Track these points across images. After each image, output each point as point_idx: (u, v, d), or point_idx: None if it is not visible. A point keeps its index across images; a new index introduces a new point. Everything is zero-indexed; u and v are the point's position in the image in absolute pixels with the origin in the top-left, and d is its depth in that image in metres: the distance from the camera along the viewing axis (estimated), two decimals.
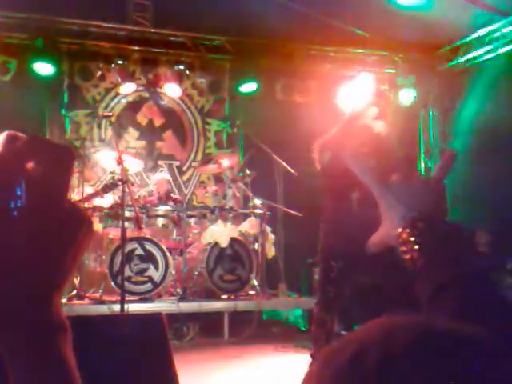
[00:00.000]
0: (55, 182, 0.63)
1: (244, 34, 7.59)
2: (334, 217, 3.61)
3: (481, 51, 7.59)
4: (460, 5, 6.94)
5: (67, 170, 0.63)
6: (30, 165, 0.63)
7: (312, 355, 3.61)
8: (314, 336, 3.60)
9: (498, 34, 7.31)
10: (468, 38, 7.66)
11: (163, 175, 7.07)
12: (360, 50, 8.01)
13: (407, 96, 8.40)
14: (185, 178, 8.19)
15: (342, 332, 6.18)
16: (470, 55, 7.77)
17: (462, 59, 7.90)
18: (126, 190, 4.84)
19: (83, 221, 0.67)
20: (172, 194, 6.96)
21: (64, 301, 5.78)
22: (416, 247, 0.92)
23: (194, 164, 8.14)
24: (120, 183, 4.95)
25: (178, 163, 8.19)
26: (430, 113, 8.69)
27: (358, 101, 3.68)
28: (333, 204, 3.63)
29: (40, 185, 0.62)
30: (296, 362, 4.72)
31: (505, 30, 7.21)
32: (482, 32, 7.46)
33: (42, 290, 0.65)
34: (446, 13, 7.08)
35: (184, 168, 8.21)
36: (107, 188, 5.49)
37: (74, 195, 5.88)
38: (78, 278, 5.96)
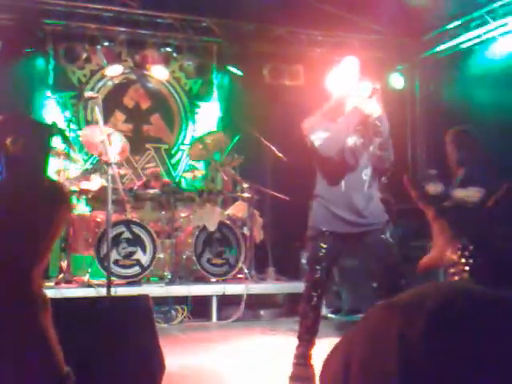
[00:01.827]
0: (33, 158, 0.61)
1: (232, 17, 7.52)
2: (323, 195, 3.62)
3: (465, 37, 7.59)
4: None
5: (45, 147, 0.62)
6: (9, 141, 0.61)
7: (299, 337, 3.62)
8: (301, 312, 3.62)
9: (482, 20, 7.30)
10: (453, 24, 7.65)
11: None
12: (348, 35, 7.96)
13: (397, 81, 8.40)
14: (173, 161, 8.15)
15: (330, 315, 6.23)
16: (455, 41, 7.76)
17: (447, 45, 7.89)
18: (112, 172, 4.79)
19: (62, 198, 0.66)
20: (161, 177, 6.92)
21: (51, 284, 5.76)
22: (465, 269, 0.97)
23: (182, 147, 8.10)
24: (105, 165, 4.90)
25: (166, 146, 8.15)
26: (417, 98, 8.68)
27: (344, 84, 3.67)
28: (321, 183, 3.64)
29: (18, 160, 0.60)
30: (283, 345, 4.74)
31: (489, 17, 7.20)
32: (467, 18, 7.44)
33: (20, 265, 0.63)
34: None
35: (172, 151, 8.16)
36: (91, 170, 5.44)
37: (60, 177, 5.83)
38: (66, 261, 5.93)
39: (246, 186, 6.66)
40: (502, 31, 7.12)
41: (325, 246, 3.54)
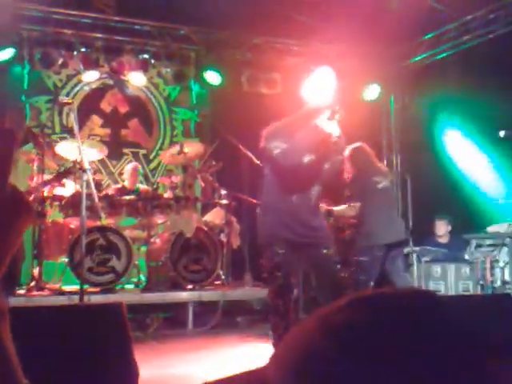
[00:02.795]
0: None
1: (210, 25, 7.53)
2: (274, 204, 3.68)
3: (441, 48, 7.69)
4: (422, 2, 7.03)
5: (7, 154, 0.61)
6: None
7: (273, 344, 3.61)
8: (272, 324, 3.61)
9: (458, 32, 7.41)
10: (429, 35, 7.75)
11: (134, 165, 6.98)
12: (324, 44, 8.02)
13: (372, 90, 8.47)
14: (151, 166, 8.12)
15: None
16: (432, 52, 7.86)
17: (424, 55, 7.99)
18: (87, 178, 4.74)
19: (23, 206, 0.65)
20: (139, 185, 6.88)
21: (23, 291, 5.66)
22: None
23: (160, 152, 8.07)
24: (77, 170, 4.85)
25: (144, 151, 8.11)
26: (392, 107, 8.76)
27: (318, 95, 3.70)
28: (273, 191, 3.71)
29: None
30: (260, 352, 4.73)
31: (464, 28, 7.31)
32: (442, 30, 7.55)
33: None
34: (409, 9, 7.15)
35: (151, 156, 8.13)
36: (62, 175, 5.38)
37: (33, 183, 5.76)
38: (38, 268, 5.84)
39: (223, 192, 6.64)
40: (477, 42, 7.24)
41: (280, 251, 3.58)
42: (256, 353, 4.79)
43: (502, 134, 5.17)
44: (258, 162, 6.61)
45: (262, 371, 0.58)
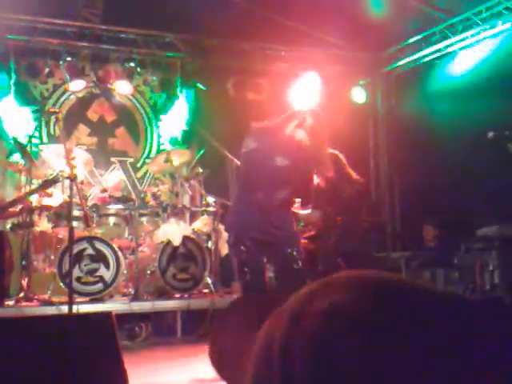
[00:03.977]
0: None
1: (195, 32, 7.55)
2: (241, 201, 3.82)
3: (427, 51, 7.75)
4: (407, 5, 7.09)
5: None
6: None
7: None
8: None
9: (442, 35, 7.47)
10: (414, 39, 7.81)
11: (119, 175, 6.96)
12: (311, 49, 8.06)
13: (359, 95, 8.53)
14: (139, 174, 8.10)
15: None
16: (416, 56, 7.92)
17: (409, 59, 8.05)
18: (75, 187, 4.73)
19: None
20: (126, 195, 6.86)
21: (11, 302, 5.62)
22: None
23: (147, 161, 8.06)
24: (62, 179, 4.84)
25: (131, 160, 8.09)
26: (379, 111, 8.81)
27: (305, 100, 3.77)
28: (240, 192, 3.84)
29: None
30: None
31: (450, 30, 7.38)
32: (427, 33, 7.61)
33: None
34: (394, 13, 7.22)
35: (138, 165, 8.12)
36: (47, 184, 5.35)
37: (21, 193, 5.73)
38: (26, 279, 5.80)
39: (211, 200, 6.64)
40: (462, 45, 7.31)
41: (245, 249, 3.69)
42: None
43: (490, 134, 5.19)
44: None
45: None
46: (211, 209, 6.59)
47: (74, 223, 4.84)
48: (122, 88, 7.67)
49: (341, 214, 5.31)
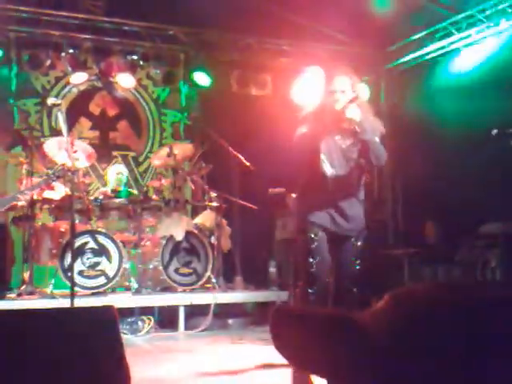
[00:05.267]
0: None
1: (199, 26, 7.50)
2: (308, 191, 3.49)
3: (431, 48, 7.71)
4: (411, 1, 7.05)
5: None
6: None
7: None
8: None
9: (446, 31, 7.43)
10: (418, 36, 7.76)
11: (120, 169, 6.91)
12: (315, 45, 8.01)
13: (363, 91, 8.48)
14: (141, 169, 8.07)
15: None
16: (420, 52, 7.88)
17: (413, 56, 8.01)
18: (77, 180, 4.70)
19: None
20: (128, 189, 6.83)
21: (13, 295, 5.61)
22: None
23: (150, 155, 8.03)
24: (66, 173, 4.81)
25: (133, 154, 8.06)
26: (382, 108, 8.77)
27: (310, 94, 3.66)
28: (305, 178, 3.49)
29: None
30: (251, 354, 4.71)
31: (454, 27, 7.34)
32: (431, 30, 7.57)
33: None
34: (398, 9, 7.18)
35: (140, 159, 8.09)
36: (51, 178, 5.33)
37: (22, 186, 5.70)
38: (28, 272, 5.79)
39: (213, 195, 6.62)
40: (466, 43, 7.27)
41: (316, 237, 3.38)
42: (248, 355, 4.77)
43: (494, 132, 5.18)
44: (248, 164, 6.60)
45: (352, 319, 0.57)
46: (214, 204, 6.57)
47: (76, 217, 4.81)
48: (125, 81, 7.62)
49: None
